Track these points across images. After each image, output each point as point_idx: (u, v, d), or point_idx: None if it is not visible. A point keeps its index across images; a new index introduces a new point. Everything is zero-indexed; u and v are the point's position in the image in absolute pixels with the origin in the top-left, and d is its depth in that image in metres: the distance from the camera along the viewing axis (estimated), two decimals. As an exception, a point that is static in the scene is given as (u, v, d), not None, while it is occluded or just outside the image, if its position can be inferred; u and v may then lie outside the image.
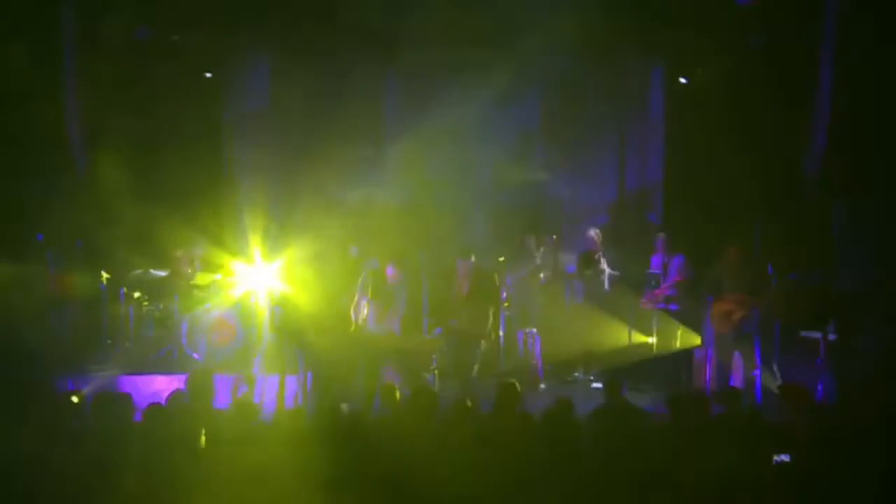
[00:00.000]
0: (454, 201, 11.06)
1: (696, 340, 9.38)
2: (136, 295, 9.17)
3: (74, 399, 5.99)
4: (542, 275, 9.91)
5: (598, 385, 9.09)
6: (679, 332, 9.99)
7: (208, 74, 10.50)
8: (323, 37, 10.07)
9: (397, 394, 6.57)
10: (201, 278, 9.42)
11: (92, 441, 5.04)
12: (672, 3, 9.94)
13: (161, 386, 7.59)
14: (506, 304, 9.56)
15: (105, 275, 9.13)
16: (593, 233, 10.02)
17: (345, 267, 9.83)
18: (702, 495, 4.75)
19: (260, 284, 9.44)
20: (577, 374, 9.95)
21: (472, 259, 8.94)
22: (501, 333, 9.58)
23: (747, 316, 8.42)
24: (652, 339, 10.12)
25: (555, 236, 9.93)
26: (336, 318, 9.68)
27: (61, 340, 9.07)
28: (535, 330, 9.83)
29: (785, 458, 5.05)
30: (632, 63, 10.73)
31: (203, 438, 5.26)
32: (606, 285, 9.89)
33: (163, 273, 9.16)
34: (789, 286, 8.78)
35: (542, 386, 9.54)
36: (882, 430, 5.50)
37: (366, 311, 8.69)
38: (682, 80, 10.70)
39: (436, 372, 8.86)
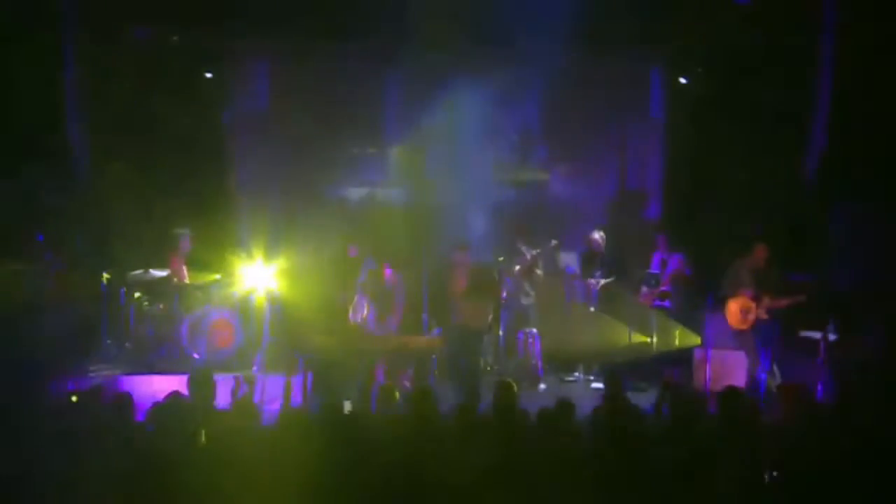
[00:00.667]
0: (454, 201, 11.06)
1: (697, 340, 9.39)
2: (136, 295, 9.16)
3: (74, 399, 5.99)
4: (517, 267, 9.83)
5: (598, 385, 9.09)
6: (679, 332, 10.00)
7: (208, 74, 10.48)
8: (323, 36, 10.06)
9: (396, 394, 6.57)
10: (200, 277, 9.42)
11: (91, 442, 5.03)
12: (672, 3, 9.94)
13: (161, 386, 7.57)
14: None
15: (105, 275, 9.12)
16: (598, 235, 10.01)
17: (344, 267, 9.83)
18: (702, 495, 4.75)
19: (260, 284, 9.45)
20: (577, 374, 9.96)
21: (468, 252, 8.93)
22: (501, 333, 9.58)
23: (763, 315, 8.39)
24: (652, 339, 10.13)
25: (554, 241, 9.91)
26: (336, 318, 9.69)
27: (61, 340, 9.05)
28: (535, 330, 9.83)
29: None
30: (632, 63, 10.72)
31: (203, 439, 5.26)
32: (594, 292, 9.89)
33: (163, 273, 9.15)
34: (791, 286, 8.77)
35: (542, 386, 9.55)
36: (882, 430, 5.51)
37: (365, 310, 8.69)
38: (682, 80, 10.69)
39: (436, 372, 8.86)
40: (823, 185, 10.00)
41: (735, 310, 8.58)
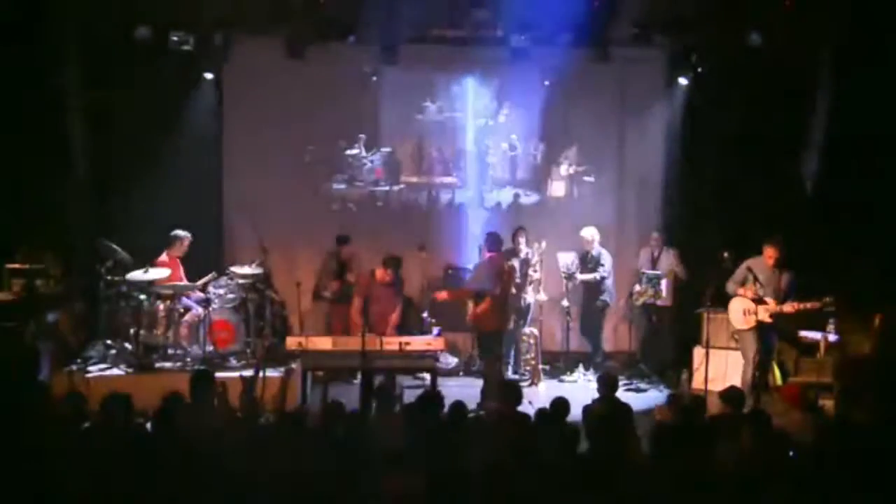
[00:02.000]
0: (452, 200, 11.06)
1: (696, 339, 9.38)
2: (136, 295, 9.13)
3: (74, 399, 5.99)
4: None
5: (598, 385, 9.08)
6: (679, 333, 10.00)
7: (209, 75, 10.46)
8: (322, 35, 10.04)
9: (395, 394, 6.58)
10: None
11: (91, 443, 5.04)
12: (673, 2, 9.94)
13: (161, 385, 7.56)
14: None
15: (105, 275, 9.12)
16: (591, 234, 10.02)
17: (344, 266, 9.83)
18: (701, 495, 4.75)
19: (259, 284, 9.44)
20: (577, 373, 9.96)
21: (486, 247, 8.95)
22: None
23: (766, 319, 8.34)
24: (651, 339, 10.13)
25: (544, 242, 9.93)
26: (335, 317, 9.70)
27: (61, 340, 9.06)
28: (535, 330, 9.84)
29: None
30: (633, 62, 10.70)
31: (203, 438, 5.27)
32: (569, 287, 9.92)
33: (163, 273, 9.13)
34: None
35: (543, 386, 9.55)
36: (882, 431, 5.52)
37: (365, 310, 8.69)
38: (683, 81, 10.68)
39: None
40: (824, 186, 10.00)
41: (737, 310, 8.56)
